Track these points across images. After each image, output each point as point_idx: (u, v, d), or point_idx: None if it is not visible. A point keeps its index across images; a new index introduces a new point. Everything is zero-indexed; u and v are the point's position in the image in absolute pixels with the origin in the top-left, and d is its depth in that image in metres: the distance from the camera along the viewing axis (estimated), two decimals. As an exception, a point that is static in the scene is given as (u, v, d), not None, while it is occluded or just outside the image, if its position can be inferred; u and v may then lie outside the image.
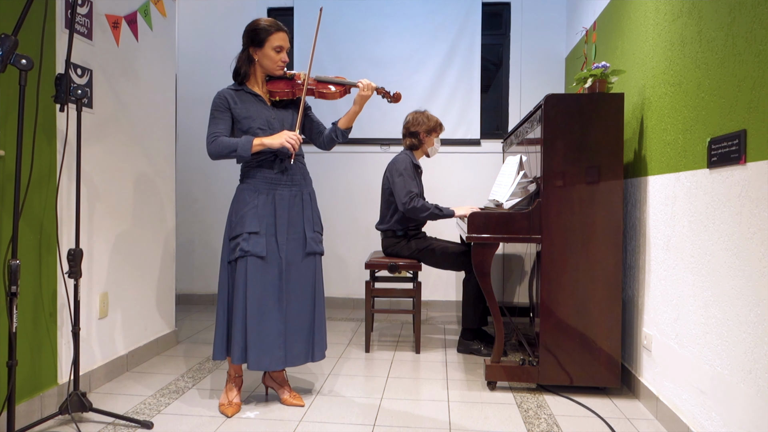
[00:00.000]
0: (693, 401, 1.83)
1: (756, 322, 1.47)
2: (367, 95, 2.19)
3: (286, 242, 2.13)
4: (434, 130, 3.11)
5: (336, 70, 4.04)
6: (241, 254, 2.05)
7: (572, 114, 2.27)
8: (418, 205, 2.89)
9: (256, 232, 2.08)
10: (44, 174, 2.05)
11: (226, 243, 2.14)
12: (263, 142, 2.05)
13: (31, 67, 1.54)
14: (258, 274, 2.07)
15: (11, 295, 1.56)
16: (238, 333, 2.06)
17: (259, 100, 2.15)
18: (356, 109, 2.21)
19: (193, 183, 4.28)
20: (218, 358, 2.13)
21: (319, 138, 2.31)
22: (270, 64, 2.12)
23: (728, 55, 1.64)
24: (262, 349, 2.07)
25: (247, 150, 2.03)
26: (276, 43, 2.09)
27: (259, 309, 2.07)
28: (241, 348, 2.06)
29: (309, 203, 2.22)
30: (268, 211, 2.11)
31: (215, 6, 4.21)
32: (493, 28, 4.15)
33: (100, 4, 2.41)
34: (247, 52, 2.13)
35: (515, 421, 2.07)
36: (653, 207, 2.18)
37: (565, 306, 2.30)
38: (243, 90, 2.15)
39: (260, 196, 2.11)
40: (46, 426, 1.96)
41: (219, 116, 2.10)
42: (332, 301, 4.21)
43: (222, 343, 2.12)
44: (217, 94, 2.13)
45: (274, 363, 2.09)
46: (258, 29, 2.09)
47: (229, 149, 2.05)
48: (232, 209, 2.15)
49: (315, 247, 2.20)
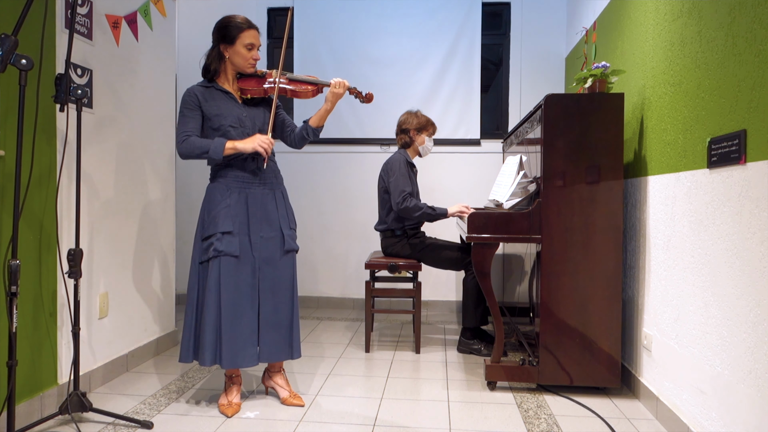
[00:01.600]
0: (693, 401, 1.83)
1: (756, 322, 1.47)
2: (340, 93, 2.14)
3: (261, 241, 2.12)
4: (424, 128, 3.11)
5: (336, 70, 4.05)
6: (215, 254, 2.03)
7: (572, 114, 2.27)
8: (411, 205, 2.90)
9: (230, 232, 2.06)
10: (44, 174, 2.05)
11: (198, 243, 2.12)
12: (236, 146, 2.01)
13: (31, 67, 1.54)
14: (231, 274, 2.05)
15: (11, 295, 1.56)
16: (210, 334, 2.03)
17: (230, 98, 2.13)
18: (328, 107, 2.16)
19: (193, 183, 4.28)
20: (185, 360, 2.10)
21: (290, 136, 2.28)
22: (241, 61, 2.10)
23: (728, 55, 1.64)
24: (236, 347, 2.05)
25: (219, 153, 2.00)
26: (247, 41, 2.07)
27: (233, 309, 2.05)
28: (212, 349, 2.03)
29: (282, 201, 2.21)
30: (240, 210, 2.10)
31: (215, 6, 4.21)
32: (493, 28, 4.15)
33: (100, 4, 2.41)
34: (217, 49, 2.11)
35: (515, 421, 2.07)
36: (653, 207, 2.18)
37: (565, 306, 2.30)
38: (213, 87, 2.12)
39: (232, 195, 2.09)
40: (46, 426, 1.96)
41: (189, 114, 2.07)
42: (332, 301, 4.21)
43: (189, 345, 2.10)
44: (187, 91, 2.10)
45: (248, 360, 2.08)
46: (229, 26, 2.06)
47: (200, 150, 2.02)
48: (203, 209, 2.13)
49: (293, 245, 2.19)
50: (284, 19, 4.27)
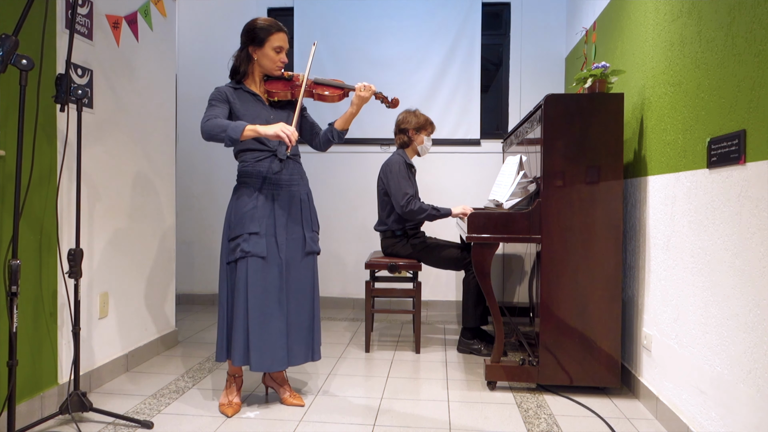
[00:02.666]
0: (693, 401, 1.83)
1: (756, 322, 1.47)
2: (366, 97, 2.16)
3: (286, 242, 2.13)
4: (423, 127, 3.11)
5: (336, 70, 4.05)
6: (242, 255, 2.05)
7: (572, 114, 2.27)
8: (415, 208, 2.90)
9: (257, 233, 2.07)
10: (44, 174, 2.05)
11: (225, 244, 2.13)
12: (257, 129, 1.95)
13: (31, 67, 1.54)
14: (259, 275, 2.06)
15: (11, 295, 1.56)
16: (240, 335, 2.05)
17: (258, 100, 2.15)
18: (353, 110, 2.18)
19: (193, 183, 4.28)
20: (220, 359, 2.13)
21: (315, 139, 2.30)
22: (269, 64, 2.12)
23: (728, 55, 1.64)
24: (265, 350, 2.06)
25: (238, 132, 1.93)
26: (276, 44, 2.09)
27: (260, 310, 2.06)
28: (242, 350, 2.06)
29: (307, 203, 2.22)
30: (267, 212, 2.11)
31: (215, 6, 4.21)
32: (493, 28, 4.16)
33: (101, 4, 2.41)
34: (246, 51, 2.12)
35: (515, 421, 2.08)
36: (653, 207, 2.18)
37: (565, 306, 2.30)
38: (241, 89, 2.14)
39: (259, 197, 2.10)
40: (47, 426, 1.96)
41: (217, 105, 2.07)
42: (332, 301, 4.21)
43: (223, 345, 2.11)
44: (216, 89, 2.11)
45: (277, 363, 2.09)
46: (258, 29, 2.08)
47: (220, 128, 1.95)
48: (230, 209, 2.14)
49: (314, 247, 2.20)
50: (284, 19, 4.27)
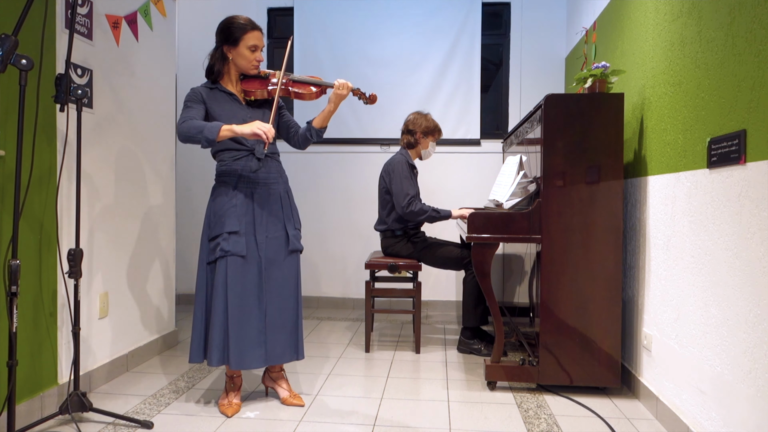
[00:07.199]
0: (693, 401, 1.83)
1: (756, 322, 1.47)
2: (343, 94, 2.13)
3: (266, 241, 2.11)
4: (432, 132, 3.12)
5: (335, 70, 4.05)
6: (222, 254, 2.03)
7: (572, 114, 2.27)
8: (416, 209, 2.91)
9: (236, 232, 2.06)
10: (44, 174, 2.05)
11: (205, 244, 2.11)
12: (233, 129, 1.94)
13: (31, 67, 1.54)
14: (238, 274, 2.05)
15: (11, 295, 1.56)
16: (218, 334, 2.03)
17: (234, 99, 2.13)
18: (331, 108, 2.16)
19: (193, 183, 4.28)
20: (195, 360, 2.10)
21: (294, 137, 2.27)
22: (244, 63, 2.10)
23: (728, 55, 1.64)
24: (243, 348, 2.05)
25: (214, 133, 1.92)
26: (251, 42, 2.07)
27: (240, 309, 2.05)
28: (220, 349, 2.04)
29: (287, 200, 2.21)
30: (246, 210, 2.09)
31: (215, 6, 4.21)
32: (493, 28, 4.16)
33: (100, 4, 2.41)
34: (220, 50, 2.10)
35: (515, 421, 2.07)
36: (653, 207, 2.18)
37: (565, 306, 2.30)
38: (217, 88, 2.12)
39: (238, 195, 2.09)
40: (46, 426, 1.96)
41: (193, 105, 2.06)
42: (332, 301, 4.21)
43: (200, 345, 2.10)
44: (192, 89, 2.09)
45: (255, 361, 2.08)
46: (232, 27, 2.06)
47: (197, 130, 1.94)
48: (209, 209, 2.12)
49: (297, 245, 2.19)
50: (284, 19, 4.27)
